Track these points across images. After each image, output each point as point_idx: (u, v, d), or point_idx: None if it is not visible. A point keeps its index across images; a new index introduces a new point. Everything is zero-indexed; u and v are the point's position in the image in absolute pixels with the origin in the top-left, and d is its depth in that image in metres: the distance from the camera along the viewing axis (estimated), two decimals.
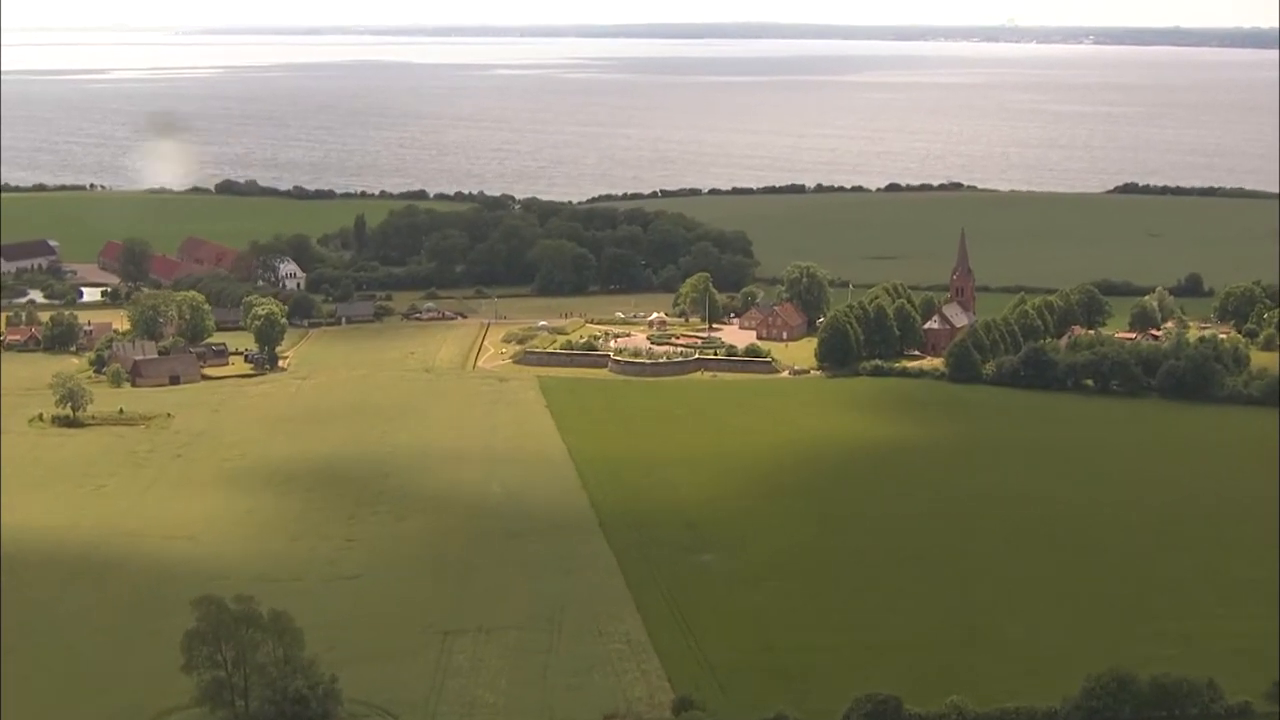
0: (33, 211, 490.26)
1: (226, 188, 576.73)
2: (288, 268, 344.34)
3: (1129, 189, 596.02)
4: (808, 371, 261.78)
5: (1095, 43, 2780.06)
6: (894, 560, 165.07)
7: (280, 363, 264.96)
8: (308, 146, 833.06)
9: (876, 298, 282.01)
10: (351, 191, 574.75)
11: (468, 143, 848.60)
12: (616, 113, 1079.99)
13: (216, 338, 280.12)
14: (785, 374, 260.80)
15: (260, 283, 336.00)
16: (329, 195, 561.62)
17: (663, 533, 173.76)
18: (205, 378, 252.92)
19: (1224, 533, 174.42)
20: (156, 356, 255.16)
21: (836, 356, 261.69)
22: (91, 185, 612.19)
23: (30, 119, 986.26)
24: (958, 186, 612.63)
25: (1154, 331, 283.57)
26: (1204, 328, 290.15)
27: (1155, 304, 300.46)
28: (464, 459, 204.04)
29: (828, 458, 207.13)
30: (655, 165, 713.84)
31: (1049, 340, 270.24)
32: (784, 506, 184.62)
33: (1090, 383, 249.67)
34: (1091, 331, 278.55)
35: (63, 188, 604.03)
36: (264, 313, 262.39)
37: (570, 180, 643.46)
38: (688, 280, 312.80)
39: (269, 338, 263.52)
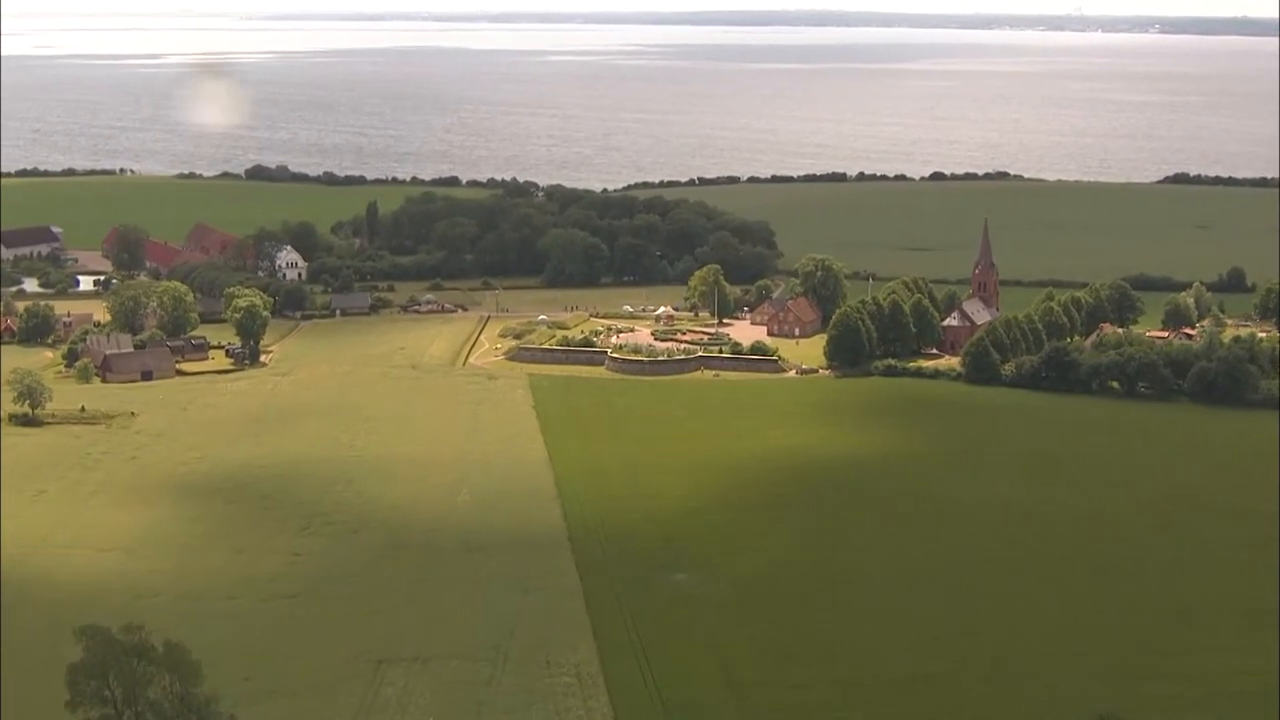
0: (56, 196, 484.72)
1: (256, 173, 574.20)
2: (288, 257, 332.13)
3: (1179, 179, 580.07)
4: (816, 371, 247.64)
5: (1161, 32, 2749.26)
6: (886, 581, 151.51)
7: (263, 357, 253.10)
8: (354, 132, 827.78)
9: (893, 292, 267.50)
10: (383, 178, 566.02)
11: (516, 129, 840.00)
12: (672, 99, 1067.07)
13: (206, 331, 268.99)
14: (792, 373, 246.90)
15: (260, 273, 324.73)
16: (359, 181, 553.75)
17: (636, 548, 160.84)
18: (180, 373, 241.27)
19: (1245, 552, 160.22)
20: (131, 350, 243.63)
21: (847, 355, 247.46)
22: (122, 170, 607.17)
23: (80, 103, 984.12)
24: (1004, 176, 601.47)
25: (1188, 330, 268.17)
26: (1243, 326, 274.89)
27: (1191, 300, 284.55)
28: (435, 464, 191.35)
29: (826, 465, 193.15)
30: (704, 152, 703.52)
31: (1074, 339, 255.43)
32: (773, 519, 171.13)
33: (1116, 385, 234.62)
34: (1121, 330, 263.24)
35: (92, 172, 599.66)
36: (245, 305, 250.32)
37: (617, 168, 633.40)
38: (696, 273, 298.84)
39: (250, 331, 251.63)
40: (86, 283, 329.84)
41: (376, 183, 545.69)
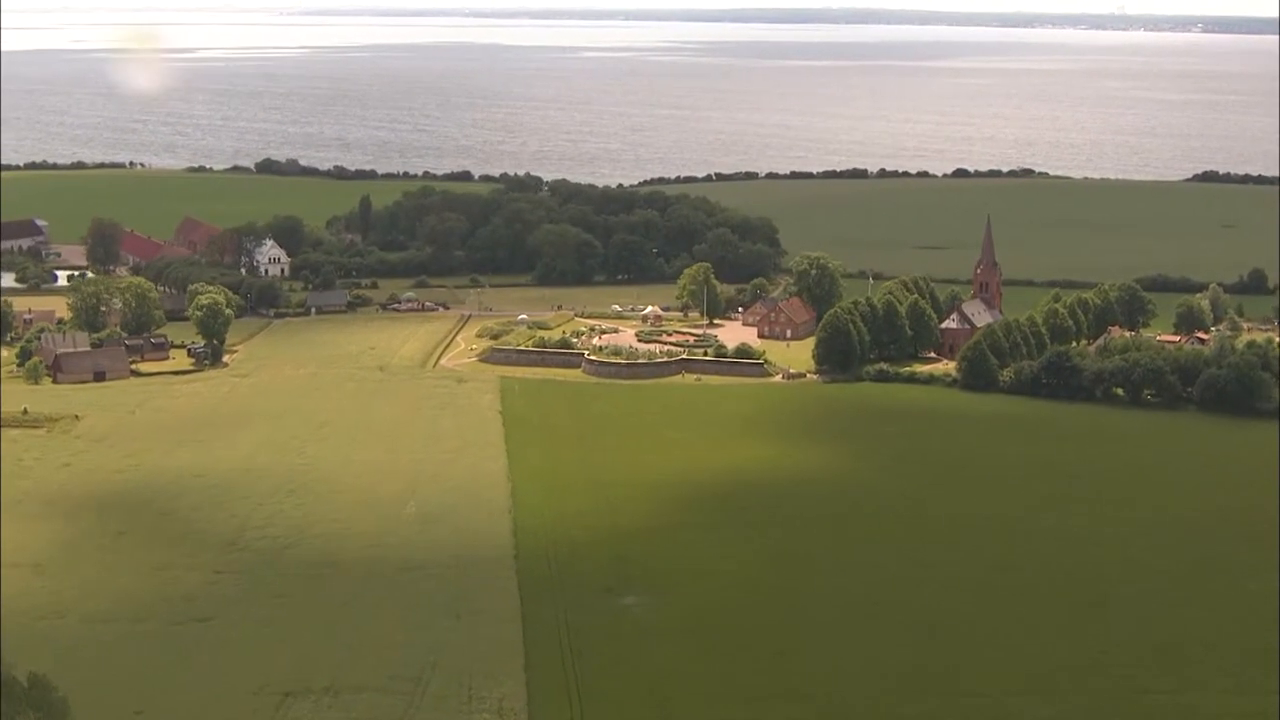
0: (60, 189, 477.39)
1: (267, 167, 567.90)
2: (271, 252, 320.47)
3: (1208, 177, 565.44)
4: (804, 375, 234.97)
5: (1204, 31, 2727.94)
6: (854, 610, 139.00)
7: (226, 357, 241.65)
8: (379, 127, 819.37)
9: (890, 292, 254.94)
10: (394, 172, 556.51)
11: (544, 124, 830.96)
12: (708, 96, 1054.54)
13: (176, 329, 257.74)
14: (778, 378, 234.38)
15: (242, 269, 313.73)
16: (370, 175, 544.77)
17: (586, 567, 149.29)
18: (135, 374, 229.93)
19: (1247, 578, 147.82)
20: (86, 349, 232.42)
21: (836, 359, 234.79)
22: (131, 163, 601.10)
23: (110, 96, 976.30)
24: (1029, 173, 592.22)
25: (1201, 334, 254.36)
26: (1261, 330, 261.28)
27: (1206, 303, 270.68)
28: (385, 473, 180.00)
29: (802, 479, 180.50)
30: (735, 148, 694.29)
31: (1080, 343, 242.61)
32: (738, 539, 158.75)
33: (1120, 392, 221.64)
34: (1130, 333, 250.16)
35: (101, 165, 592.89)
36: (206, 302, 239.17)
37: (643, 163, 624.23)
38: (686, 270, 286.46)
39: (211, 330, 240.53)
40: (64, 278, 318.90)
41: (387, 177, 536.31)
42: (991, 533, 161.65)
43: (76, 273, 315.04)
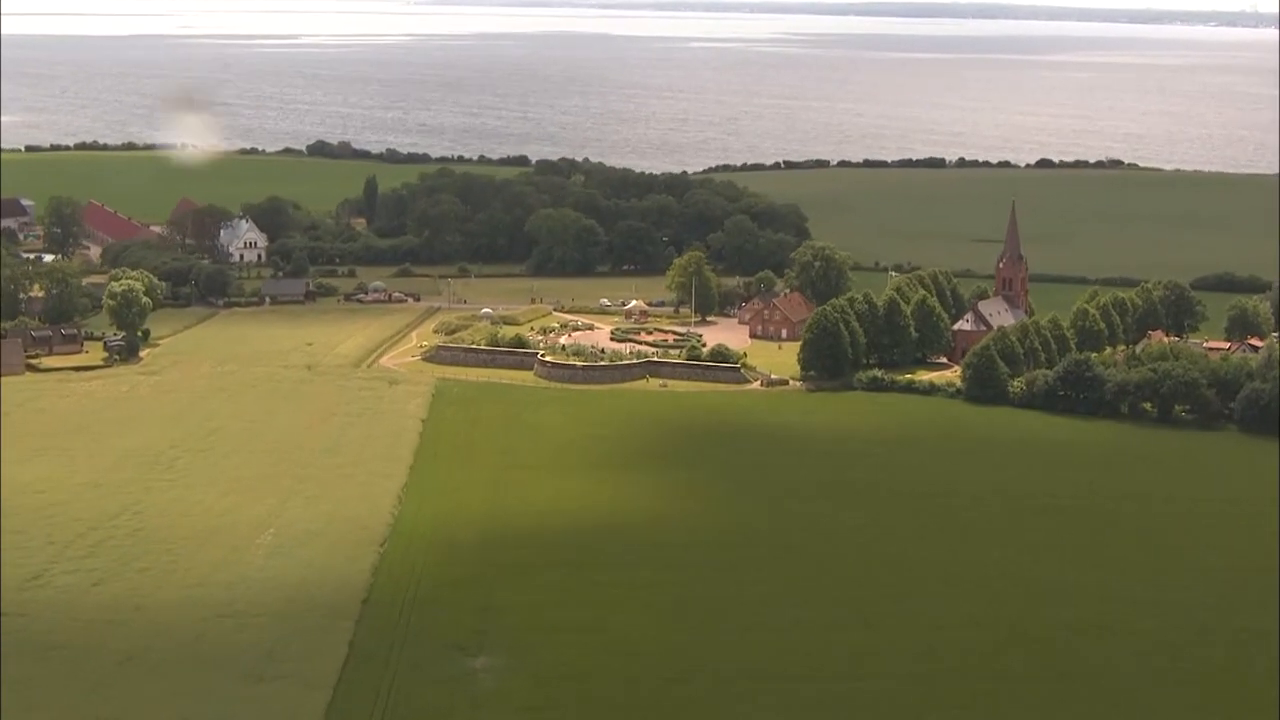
0: (93, 170, 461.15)
1: (318, 149, 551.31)
2: (247, 235, 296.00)
3: None
4: (785, 383, 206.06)
5: None
6: (755, 682, 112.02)
7: (144, 352, 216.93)
8: (472, 112, 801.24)
9: (899, 289, 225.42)
10: (449, 156, 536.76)
11: (640, 113, 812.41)
12: (813, 87, 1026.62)
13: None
14: (757, 384, 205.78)
15: (220, 253, 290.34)
16: (423, 159, 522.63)
17: (445, 617, 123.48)
18: (32, 369, 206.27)
19: (1251, 653, 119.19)
20: None
21: (825, 364, 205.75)
22: (182, 145, 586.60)
23: (207, 81, 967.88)
24: (1117, 164, 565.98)
25: (1255, 341, 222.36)
26: None
27: (1267, 305, 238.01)
28: (256, 492, 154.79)
29: (732, 512, 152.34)
30: (825, 138, 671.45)
31: (1110, 350, 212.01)
32: (635, 584, 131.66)
33: (1149, 407, 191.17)
34: (1172, 339, 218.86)
35: (150, 146, 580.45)
36: (120, 290, 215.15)
37: (733, 152, 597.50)
38: (676, 261, 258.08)
39: (125, 320, 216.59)
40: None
41: (441, 160, 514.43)
42: (961, 582, 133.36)
43: (34, 254, 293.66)
